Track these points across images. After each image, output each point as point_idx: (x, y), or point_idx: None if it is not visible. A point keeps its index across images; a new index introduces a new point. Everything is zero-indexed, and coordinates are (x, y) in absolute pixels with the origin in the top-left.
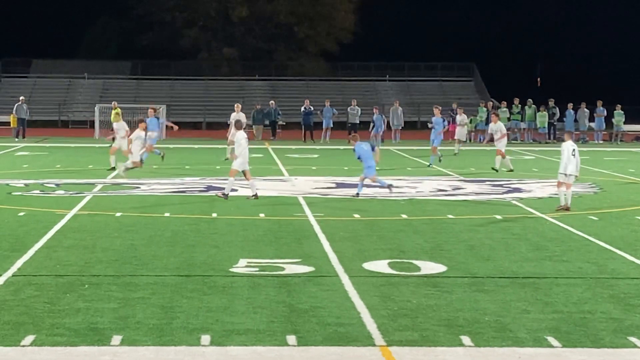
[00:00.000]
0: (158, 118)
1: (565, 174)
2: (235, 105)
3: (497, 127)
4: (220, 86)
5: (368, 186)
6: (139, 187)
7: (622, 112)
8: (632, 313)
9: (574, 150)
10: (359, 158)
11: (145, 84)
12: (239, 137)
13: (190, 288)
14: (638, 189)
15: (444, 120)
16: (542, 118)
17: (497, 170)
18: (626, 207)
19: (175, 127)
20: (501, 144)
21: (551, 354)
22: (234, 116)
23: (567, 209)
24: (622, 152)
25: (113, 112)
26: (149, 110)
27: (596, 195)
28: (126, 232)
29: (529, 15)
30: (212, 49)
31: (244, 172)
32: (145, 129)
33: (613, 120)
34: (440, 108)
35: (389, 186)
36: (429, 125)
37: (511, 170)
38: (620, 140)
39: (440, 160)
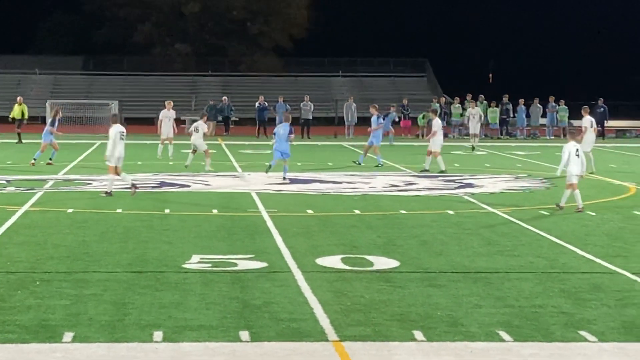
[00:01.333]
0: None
1: (574, 175)
2: (167, 102)
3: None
4: (173, 82)
5: (316, 181)
6: (91, 183)
7: (566, 107)
8: (582, 307)
9: (577, 150)
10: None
11: (98, 79)
12: (111, 132)
13: (143, 284)
14: (589, 184)
15: (378, 118)
16: (494, 114)
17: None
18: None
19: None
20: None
21: (503, 349)
22: (163, 113)
23: (580, 210)
24: None
25: (17, 107)
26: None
27: (548, 190)
28: (78, 228)
29: (481, 12)
30: (165, 44)
31: (115, 168)
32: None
33: (557, 116)
34: (377, 107)
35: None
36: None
37: (425, 170)
38: None
39: (381, 165)
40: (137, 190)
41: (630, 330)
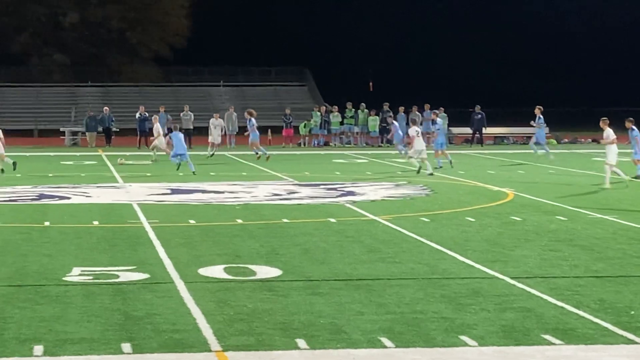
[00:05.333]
0: None
1: None
2: None
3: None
4: (52, 93)
5: (198, 191)
6: None
7: (446, 114)
8: (462, 312)
9: None
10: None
11: None
12: None
13: (22, 298)
14: (468, 190)
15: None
16: (374, 122)
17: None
18: (456, 208)
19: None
20: None
21: (385, 355)
22: None
23: None
24: (451, 154)
25: None
26: None
27: (428, 197)
28: None
29: (360, 22)
30: (43, 55)
31: None
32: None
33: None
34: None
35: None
36: None
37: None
38: (450, 143)
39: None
40: None
41: (509, 334)
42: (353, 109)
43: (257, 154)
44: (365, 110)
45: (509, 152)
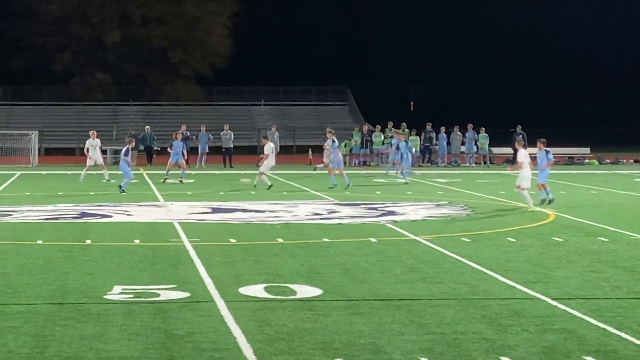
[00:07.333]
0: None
1: None
2: (91, 132)
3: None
4: (94, 111)
5: (239, 210)
6: (11, 215)
7: (487, 135)
8: (503, 333)
9: None
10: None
11: (17, 109)
12: None
13: (64, 316)
14: (509, 210)
15: (333, 142)
16: (415, 142)
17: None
18: (497, 228)
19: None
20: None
21: None
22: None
23: None
24: (493, 174)
25: None
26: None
27: (468, 217)
28: None
29: (401, 41)
30: (85, 74)
31: None
32: None
33: (477, 143)
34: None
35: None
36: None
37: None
38: (491, 163)
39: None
40: None
41: (550, 356)
42: (381, 133)
43: (164, 180)
44: (407, 130)
45: (550, 173)
